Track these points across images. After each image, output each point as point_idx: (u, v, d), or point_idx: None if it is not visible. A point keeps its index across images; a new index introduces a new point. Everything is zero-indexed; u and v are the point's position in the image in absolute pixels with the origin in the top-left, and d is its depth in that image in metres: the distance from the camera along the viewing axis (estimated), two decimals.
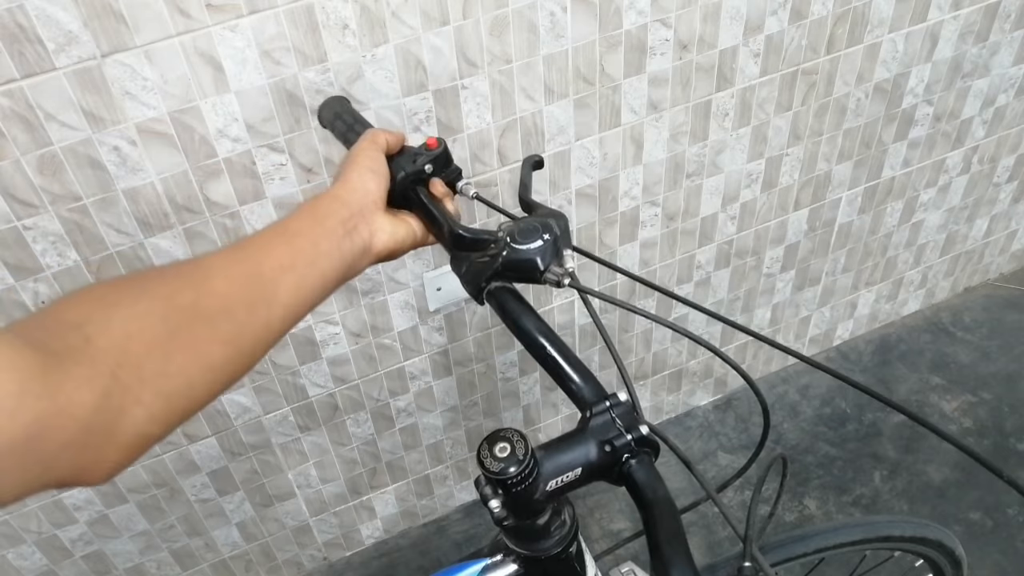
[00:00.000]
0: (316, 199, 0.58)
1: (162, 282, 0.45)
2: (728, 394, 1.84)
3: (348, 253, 0.57)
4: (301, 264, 0.53)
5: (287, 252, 0.52)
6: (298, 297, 0.52)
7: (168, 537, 1.36)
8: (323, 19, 0.95)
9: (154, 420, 0.41)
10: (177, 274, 0.46)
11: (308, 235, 0.55)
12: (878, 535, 0.95)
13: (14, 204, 0.93)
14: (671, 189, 1.38)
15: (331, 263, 0.55)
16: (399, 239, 0.62)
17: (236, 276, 0.48)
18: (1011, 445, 1.66)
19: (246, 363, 0.48)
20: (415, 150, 0.69)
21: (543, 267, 0.60)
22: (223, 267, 0.48)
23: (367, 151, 0.63)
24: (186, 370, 0.43)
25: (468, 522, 1.65)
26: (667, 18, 1.16)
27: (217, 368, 0.45)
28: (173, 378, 0.42)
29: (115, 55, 0.87)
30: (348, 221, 0.58)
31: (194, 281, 0.46)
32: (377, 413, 1.40)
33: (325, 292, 0.55)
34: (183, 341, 0.43)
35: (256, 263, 0.50)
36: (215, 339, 0.45)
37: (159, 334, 0.42)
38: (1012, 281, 2.06)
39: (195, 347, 0.44)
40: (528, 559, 0.63)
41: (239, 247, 0.51)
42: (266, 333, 0.49)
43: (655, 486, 0.51)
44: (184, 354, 0.43)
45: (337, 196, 0.59)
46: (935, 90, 1.51)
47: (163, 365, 0.42)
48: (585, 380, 0.57)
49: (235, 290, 0.48)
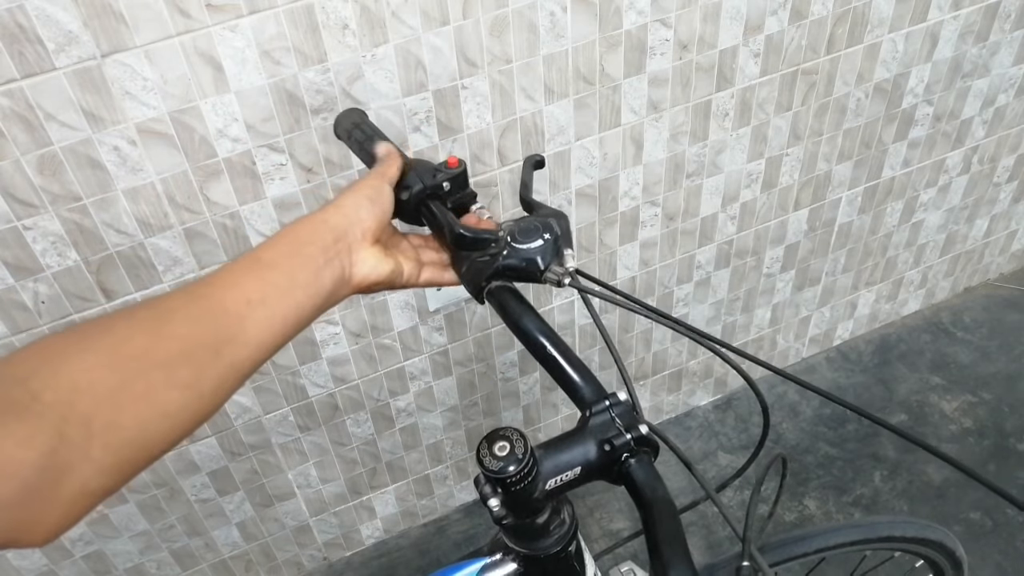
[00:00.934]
0: (301, 221, 0.55)
1: (116, 329, 0.43)
2: (728, 394, 1.84)
3: (328, 281, 0.54)
4: (273, 297, 0.50)
5: (257, 285, 0.50)
6: (269, 332, 0.49)
7: (168, 537, 1.36)
8: (323, 19, 0.95)
9: (104, 474, 0.39)
10: (132, 319, 0.44)
11: (283, 265, 0.52)
12: (878, 535, 0.95)
13: (14, 204, 0.93)
14: (671, 189, 1.38)
15: (308, 293, 0.52)
16: (381, 274, 0.59)
17: (198, 316, 0.46)
18: (1011, 445, 1.66)
19: (209, 406, 0.46)
20: (435, 166, 0.67)
21: (544, 266, 0.60)
22: (184, 307, 0.46)
23: (372, 181, 0.61)
24: (140, 420, 0.41)
25: (468, 522, 1.65)
26: (667, 18, 1.16)
27: (174, 414, 0.43)
28: (125, 430, 0.41)
29: (115, 55, 0.87)
30: (331, 248, 0.55)
31: (150, 325, 0.44)
32: (377, 413, 1.40)
33: (301, 324, 0.52)
34: (136, 390, 0.41)
35: (220, 300, 0.48)
36: (172, 385, 0.43)
37: (110, 385, 0.40)
38: (1012, 281, 2.06)
39: (149, 395, 0.42)
40: (527, 558, 0.63)
41: (206, 282, 0.49)
42: (232, 373, 0.47)
43: (654, 485, 0.51)
44: (137, 404, 0.41)
45: (325, 220, 0.56)
46: (935, 90, 1.51)
47: (114, 417, 0.40)
48: (585, 380, 0.57)
49: (196, 331, 0.45)
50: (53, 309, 1.03)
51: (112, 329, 0.43)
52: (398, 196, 0.65)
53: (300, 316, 0.52)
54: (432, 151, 1.12)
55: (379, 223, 0.59)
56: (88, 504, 0.40)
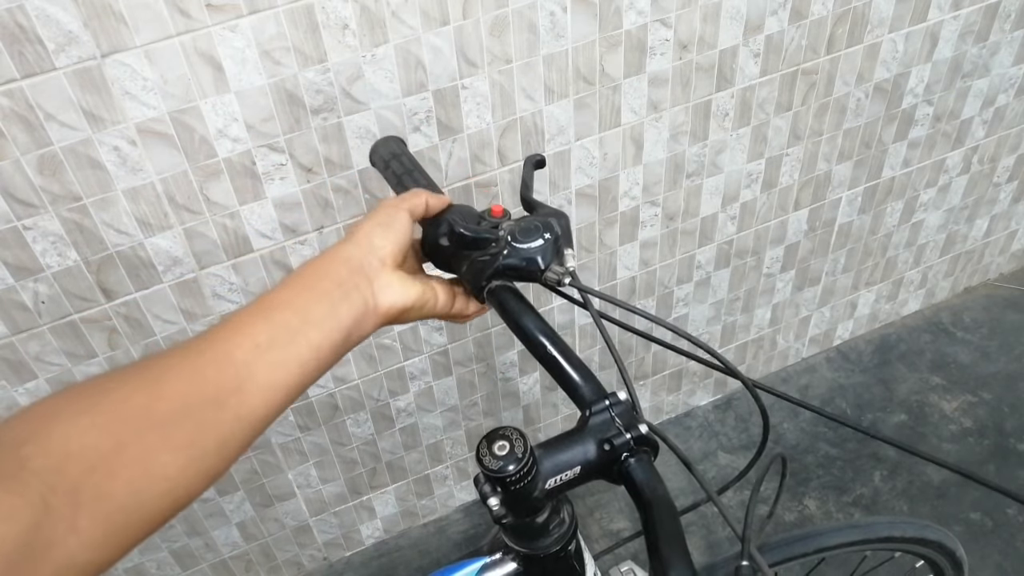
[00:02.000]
0: (312, 260, 0.53)
1: (111, 389, 0.41)
2: (728, 394, 1.84)
3: (347, 316, 0.51)
4: (283, 338, 0.47)
5: (265, 327, 0.46)
6: (282, 377, 0.46)
7: (167, 537, 1.36)
8: (323, 19, 0.95)
9: (93, 547, 0.37)
10: (131, 376, 0.42)
11: (294, 304, 0.49)
12: (878, 536, 0.95)
13: (14, 204, 0.93)
14: (671, 189, 1.38)
15: (324, 331, 0.49)
16: (410, 298, 0.55)
17: (199, 368, 0.43)
18: (1011, 445, 1.66)
19: (216, 464, 0.43)
20: (478, 213, 0.66)
21: (544, 266, 0.60)
22: (183, 361, 0.43)
23: (386, 208, 0.58)
24: (134, 486, 0.39)
25: (468, 522, 1.65)
26: (667, 18, 1.16)
27: (174, 477, 0.40)
28: (117, 498, 0.38)
29: (115, 55, 0.87)
30: (347, 281, 0.52)
31: (148, 382, 0.41)
32: (377, 413, 1.40)
33: (322, 365, 0.49)
34: (131, 454, 0.39)
35: (225, 349, 0.45)
36: (169, 446, 0.40)
37: (103, 449, 0.38)
38: (1012, 281, 2.06)
39: (145, 459, 0.39)
40: (527, 557, 0.63)
41: (210, 332, 0.46)
42: (240, 425, 0.44)
43: (654, 485, 0.51)
44: (132, 468, 0.38)
45: (337, 255, 0.53)
46: (935, 90, 1.51)
47: (105, 485, 0.37)
48: (585, 379, 0.57)
49: (196, 386, 0.42)
50: (53, 309, 1.03)
51: (108, 389, 0.41)
52: (437, 241, 0.64)
53: (319, 357, 0.48)
54: (432, 151, 1.12)
55: (397, 247, 0.56)
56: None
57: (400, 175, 0.74)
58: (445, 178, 1.16)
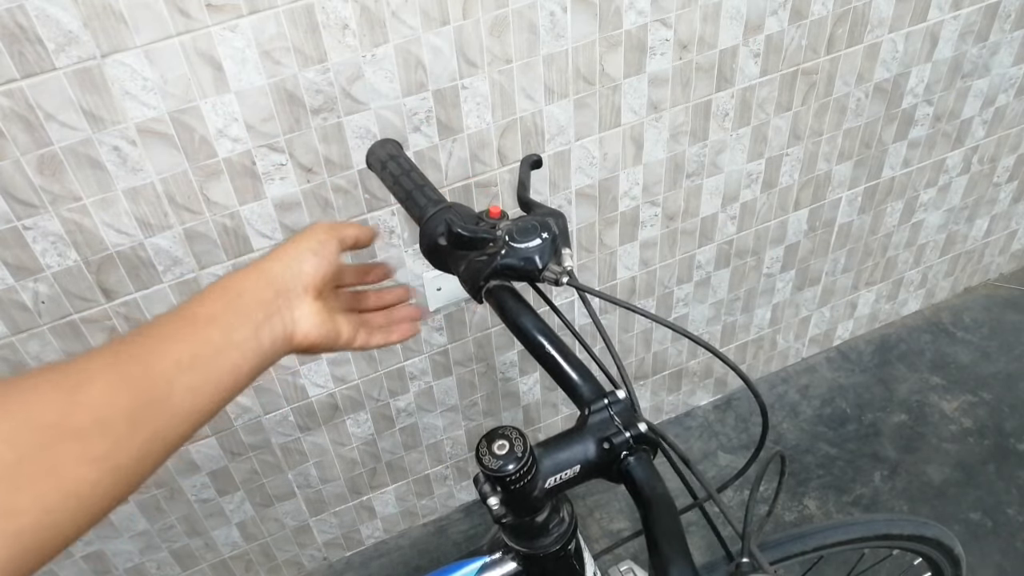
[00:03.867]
0: (238, 272, 0.51)
1: (26, 393, 0.38)
2: (728, 394, 1.84)
3: (267, 340, 0.49)
4: (205, 356, 0.45)
5: (188, 345, 0.45)
6: (201, 399, 0.44)
7: (168, 537, 1.36)
8: (323, 19, 0.95)
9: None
10: (45, 383, 0.39)
11: (219, 321, 0.47)
12: (876, 533, 0.95)
13: (14, 204, 0.93)
14: (671, 189, 1.38)
15: (245, 354, 0.47)
16: (324, 332, 0.54)
17: (119, 380, 0.41)
18: (1011, 445, 1.66)
19: (128, 482, 0.40)
20: (476, 214, 0.66)
21: (541, 266, 0.61)
22: (104, 369, 0.41)
23: (316, 233, 0.56)
24: (44, 502, 0.36)
25: (468, 522, 1.65)
26: (667, 18, 1.16)
27: (87, 495, 0.37)
28: (24, 515, 0.35)
29: (115, 55, 0.87)
30: (271, 303, 0.50)
31: (64, 389, 0.39)
32: (377, 413, 1.41)
33: (237, 388, 0.47)
34: (39, 467, 0.36)
35: (146, 362, 0.42)
36: (84, 459, 0.37)
37: (7, 462, 0.35)
38: (1012, 281, 2.06)
39: (57, 472, 0.36)
40: (527, 557, 0.63)
41: (131, 340, 0.44)
42: (156, 445, 0.42)
43: (653, 483, 0.51)
44: (41, 483, 0.36)
45: (263, 272, 0.51)
46: (935, 90, 1.51)
47: (10, 500, 0.34)
48: (584, 378, 0.57)
49: (115, 398, 0.40)
50: (53, 309, 1.03)
51: (22, 393, 0.38)
52: (435, 241, 0.65)
53: (237, 379, 0.47)
54: (432, 151, 1.12)
55: (323, 276, 0.54)
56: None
57: (397, 176, 0.74)
58: (445, 178, 1.16)
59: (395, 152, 0.78)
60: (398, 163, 0.76)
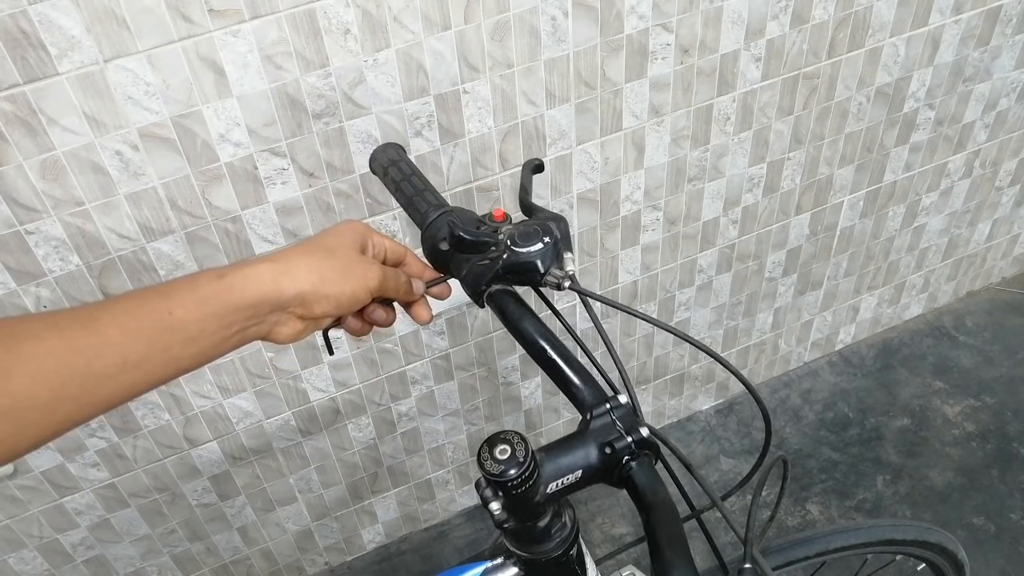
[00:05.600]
0: (259, 275, 0.48)
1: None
2: (730, 398, 1.84)
3: (232, 346, 0.48)
4: (154, 361, 0.43)
5: (143, 344, 0.43)
6: (128, 396, 0.43)
7: (169, 542, 1.36)
8: (325, 24, 0.95)
9: None
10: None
11: (190, 329, 0.44)
12: (879, 539, 0.95)
13: (16, 208, 0.93)
14: (672, 193, 1.38)
15: (198, 359, 0.46)
16: (298, 338, 0.53)
17: (54, 369, 0.39)
18: (1014, 450, 1.66)
19: (14, 458, 0.39)
20: (478, 217, 0.66)
21: (543, 270, 0.60)
22: (44, 356, 0.39)
23: (365, 278, 0.53)
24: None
25: (470, 527, 1.65)
26: (668, 23, 1.16)
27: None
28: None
29: (117, 60, 0.88)
30: (267, 317, 0.49)
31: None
32: (378, 417, 1.40)
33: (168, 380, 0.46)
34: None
35: (93, 352, 0.41)
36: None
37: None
38: (1014, 285, 2.06)
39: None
40: (528, 562, 0.63)
41: (92, 314, 0.42)
42: (63, 430, 0.41)
43: (655, 488, 0.51)
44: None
45: (282, 286, 0.49)
46: (936, 94, 1.51)
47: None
48: (585, 383, 0.57)
49: (36, 385, 0.39)
50: None
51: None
52: (437, 245, 0.65)
53: (177, 372, 0.45)
54: (434, 155, 1.12)
55: (333, 312, 0.52)
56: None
57: (399, 181, 0.74)
58: (447, 182, 1.16)
59: (397, 156, 0.78)
60: (400, 167, 0.76)
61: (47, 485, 1.18)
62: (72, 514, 1.23)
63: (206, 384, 1.19)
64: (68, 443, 1.15)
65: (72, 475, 1.19)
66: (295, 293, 0.49)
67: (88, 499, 1.23)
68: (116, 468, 1.21)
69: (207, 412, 1.22)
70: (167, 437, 1.22)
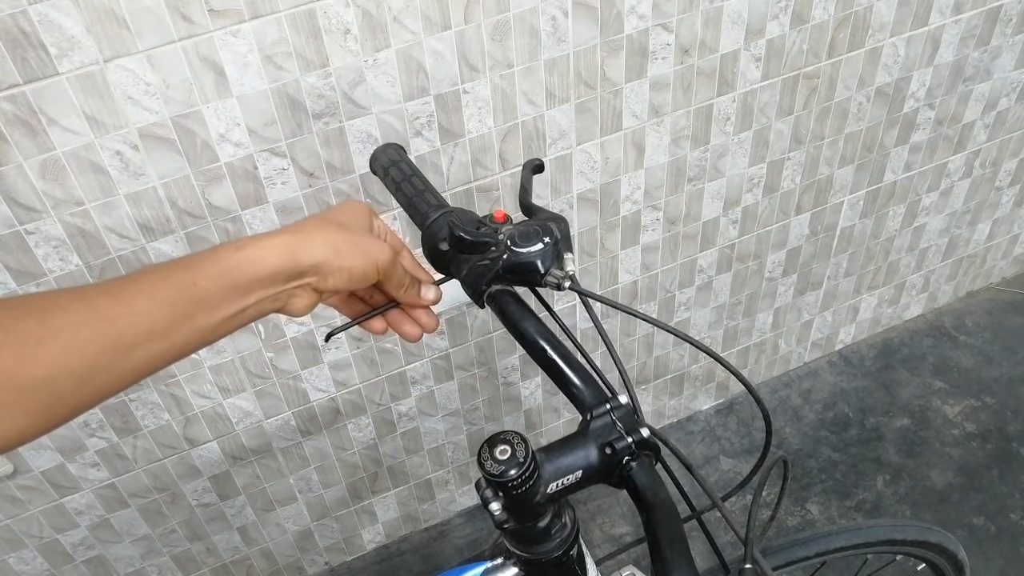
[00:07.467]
0: (276, 243, 0.48)
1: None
2: (730, 398, 1.84)
3: (252, 317, 0.49)
4: (180, 329, 0.44)
5: (169, 312, 0.43)
6: (152, 368, 0.44)
7: (169, 542, 1.36)
8: (325, 24, 0.95)
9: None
10: (17, 320, 0.39)
11: (213, 299, 0.45)
12: (879, 539, 0.95)
13: (16, 208, 0.93)
14: (673, 193, 1.38)
15: (219, 332, 0.47)
16: (309, 307, 0.53)
17: (87, 339, 0.40)
18: (1014, 450, 1.66)
19: (50, 429, 0.41)
20: (478, 217, 0.66)
21: (543, 270, 0.60)
22: (73, 325, 0.40)
23: (382, 259, 0.55)
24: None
25: (470, 527, 1.65)
26: (668, 23, 1.16)
27: (15, 437, 0.39)
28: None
29: (117, 60, 0.88)
30: (287, 289, 0.50)
31: (29, 339, 0.38)
32: (378, 417, 1.40)
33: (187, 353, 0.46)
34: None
35: (118, 321, 0.41)
36: (21, 409, 0.38)
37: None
38: (1015, 285, 2.06)
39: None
40: (529, 562, 0.63)
41: (120, 286, 0.42)
42: (94, 402, 0.42)
43: (656, 489, 0.51)
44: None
45: (305, 252, 0.49)
46: (937, 94, 1.51)
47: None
48: (586, 383, 0.57)
49: (73, 357, 0.39)
50: None
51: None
52: (437, 245, 0.65)
53: (200, 343, 0.46)
54: (434, 155, 1.12)
55: (348, 287, 0.53)
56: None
57: (399, 182, 0.74)
58: (447, 183, 1.16)
59: (398, 157, 0.78)
60: (401, 168, 0.76)
61: (47, 485, 1.18)
62: (72, 514, 1.23)
63: (206, 384, 1.19)
64: (68, 443, 1.15)
65: (72, 475, 1.19)
66: (312, 263, 0.50)
67: (88, 499, 1.23)
68: (116, 468, 1.21)
69: (207, 412, 1.22)
70: (167, 437, 1.22)
